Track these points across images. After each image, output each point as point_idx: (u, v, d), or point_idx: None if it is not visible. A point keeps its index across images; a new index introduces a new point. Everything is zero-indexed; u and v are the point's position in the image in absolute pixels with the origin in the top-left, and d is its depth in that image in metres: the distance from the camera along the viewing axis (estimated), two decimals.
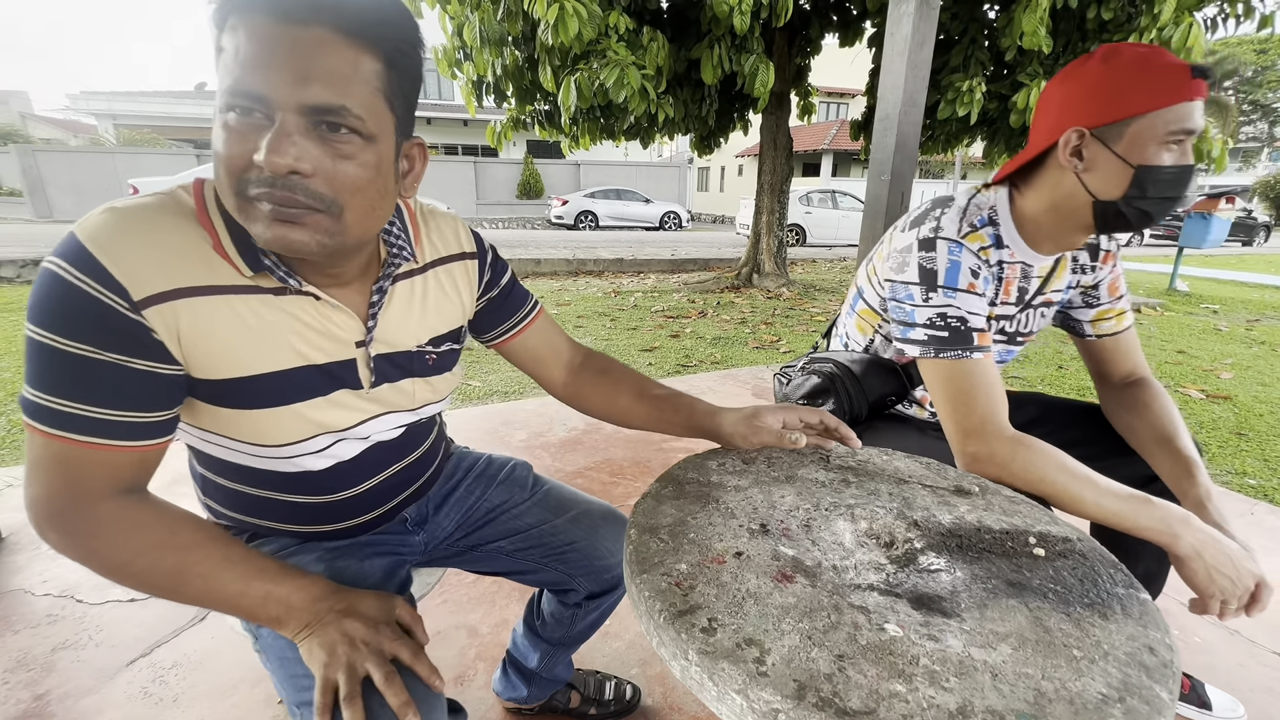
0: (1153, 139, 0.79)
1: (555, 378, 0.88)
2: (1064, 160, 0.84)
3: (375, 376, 0.67)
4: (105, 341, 0.50)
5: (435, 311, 0.73)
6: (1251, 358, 4.24)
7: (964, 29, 4.88)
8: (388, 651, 0.57)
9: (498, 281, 0.80)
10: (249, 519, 0.74)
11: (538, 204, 18.90)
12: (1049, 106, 0.88)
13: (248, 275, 0.57)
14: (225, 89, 0.49)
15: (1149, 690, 0.43)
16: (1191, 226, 7.04)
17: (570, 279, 7.59)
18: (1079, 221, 0.89)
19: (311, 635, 0.58)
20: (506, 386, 3.19)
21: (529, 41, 4.88)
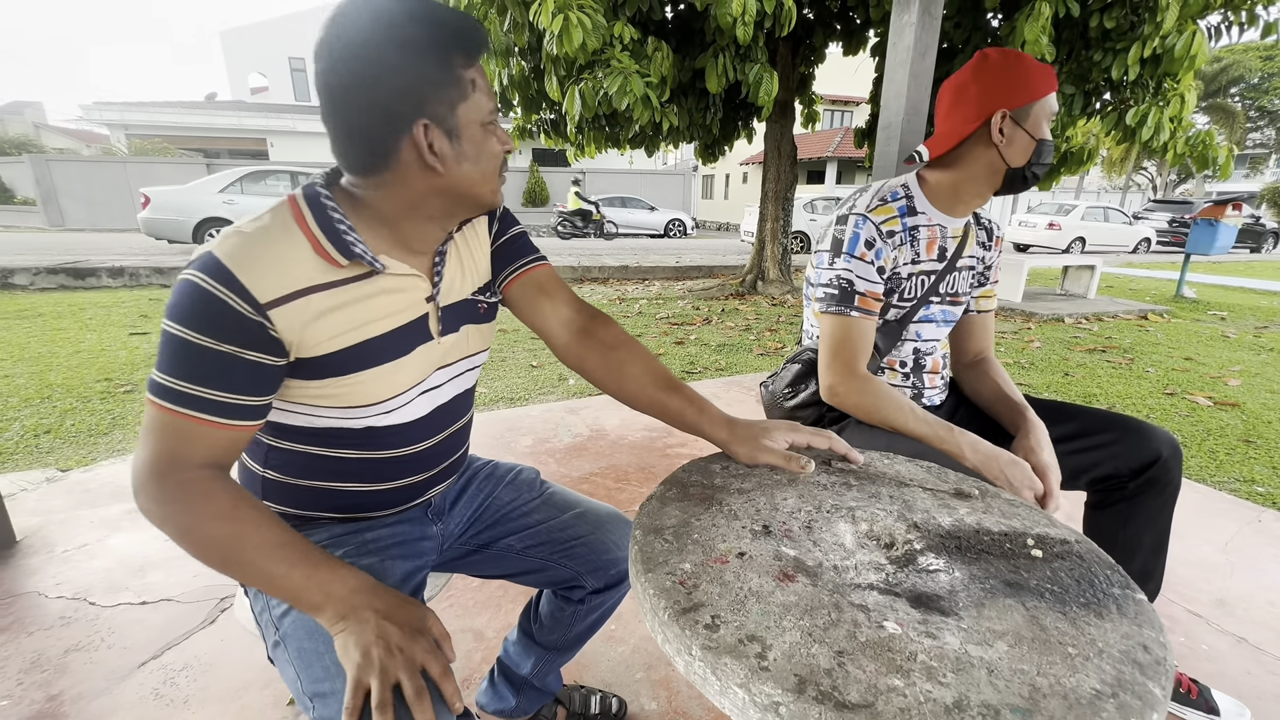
0: (1044, 117, 1.05)
1: (556, 334, 0.89)
2: (995, 137, 1.04)
3: (442, 326, 0.78)
4: (227, 337, 0.61)
5: (474, 264, 0.83)
6: (1260, 365, 4.22)
7: (967, 38, 4.91)
8: (419, 663, 0.59)
9: (506, 230, 0.88)
10: (296, 509, 0.79)
11: (543, 211, 18.99)
12: (964, 100, 1.07)
13: (344, 265, 0.68)
14: (490, 109, 0.68)
15: (1142, 686, 0.44)
16: (1198, 233, 7.01)
17: (576, 286, 7.63)
18: (990, 186, 1.11)
19: (348, 630, 0.60)
20: (512, 393, 3.21)
21: (535, 52, 4.94)
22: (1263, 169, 31.26)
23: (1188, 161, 4.93)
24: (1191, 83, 4.71)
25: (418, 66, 0.62)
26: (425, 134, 0.64)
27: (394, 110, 0.62)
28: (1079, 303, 6.54)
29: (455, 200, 0.70)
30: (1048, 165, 1.08)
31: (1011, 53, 1.05)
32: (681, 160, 25.83)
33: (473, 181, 0.69)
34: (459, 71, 0.64)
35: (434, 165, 0.65)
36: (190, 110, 20.50)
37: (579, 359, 0.89)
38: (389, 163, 0.65)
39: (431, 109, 0.63)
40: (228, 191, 9.06)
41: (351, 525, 0.79)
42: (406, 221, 0.71)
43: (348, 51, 0.61)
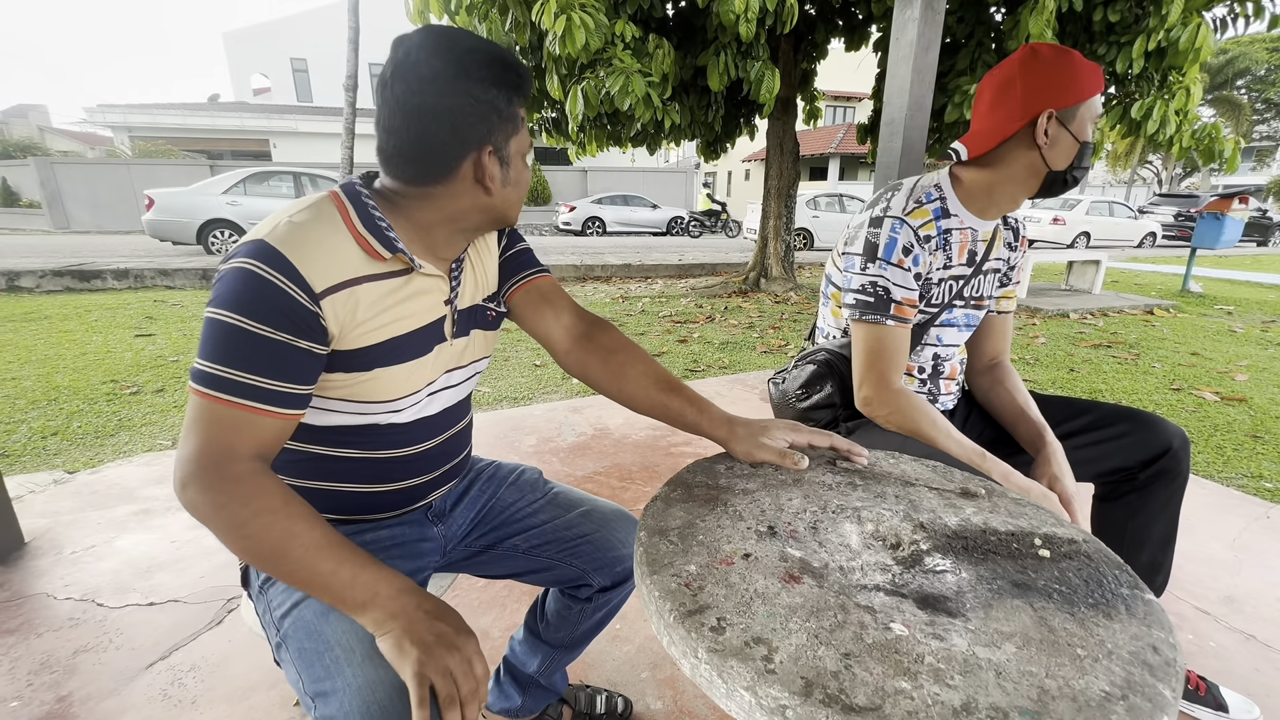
0: (1089, 119, 1.01)
1: (558, 341, 0.91)
2: (1040, 138, 1.00)
3: (456, 329, 0.81)
4: (282, 324, 0.62)
5: (484, 274, 0.87)
6: (1267, 359, 4.19)
7: (970, 32, 4.88)
8: (471, 662, 0.60)
9: (513, 245, 0.92)
10: None
11: (545, 210, 18.99)
12: (1008, 97, 1.02)
13: (386, 259, 0.71)
14: (530, 143, 0.76)
15: (1152, 688, 0.43)
16: (1204, 227, 6.96)
17: (578, 285, 7.63)
18: (1028, 189, 1.07)
19: (400, 630, 0.59)
20: (516, 392, 3.21)
21: (536, 51, 4.93)
22: (1269, 162, 31.00)
23: (1193, 155, 4.90)
24: (1197, 75, 4.67)
25: (492, 99, 0.69)
26: (487, 158, 0.70)
27: (469, 134, 0.69)
28: (1084, 298, 6.51)
29: (491, 218, 0.77)
30: (1088, 169, 1.04)
31: (1061, 49, 1.00)
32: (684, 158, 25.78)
33: (510, 204, 0.76)
34: (515, 108, 0.72)
35: (489, 186, 0.72)
36: (193, 112, 20.57)
37: (580, 364, 0.90)
38: (447, 178, 0.71)
39: (495, 137, 0.70)
40: (231, 193, 9.09)
41: (349, 528, 0.80)
42: (442, 230, 0.76)
43: (432, 75, 0.66)
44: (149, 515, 1.86)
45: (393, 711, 0.58)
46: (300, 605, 0.68)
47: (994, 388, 1.23)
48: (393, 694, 0.59)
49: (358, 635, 0.63)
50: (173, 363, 3.62)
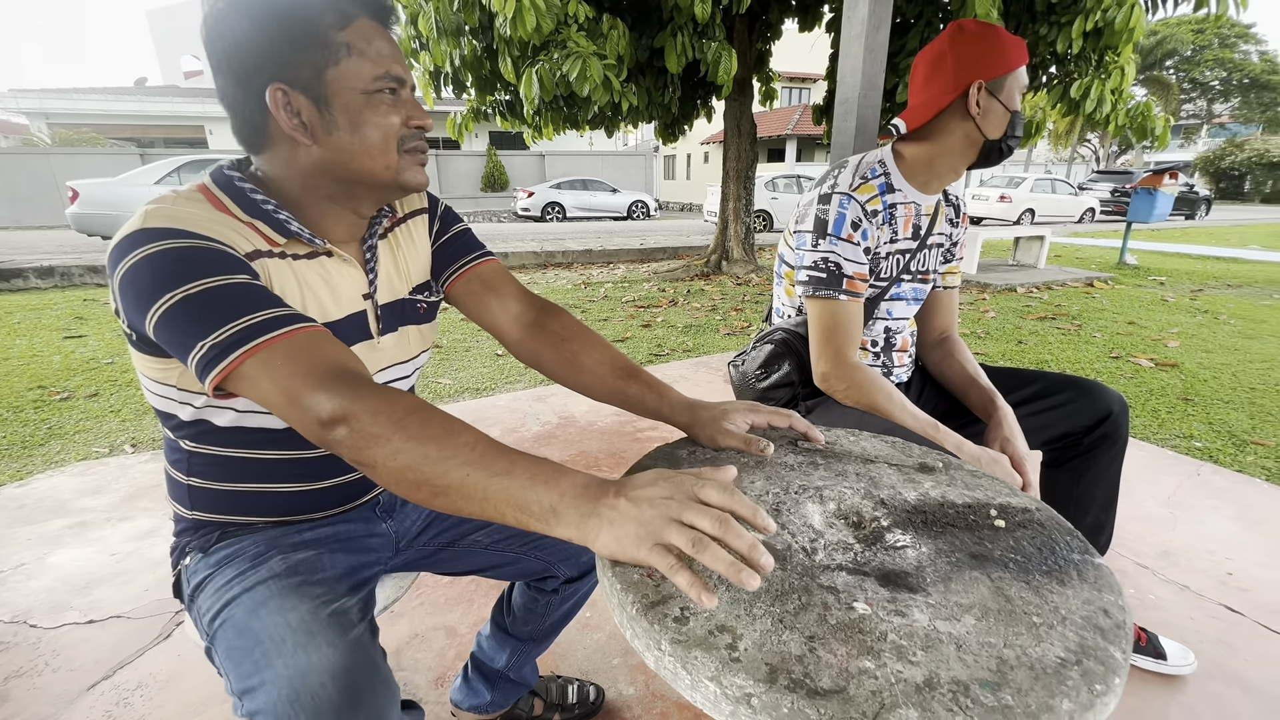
0: (1017, 89, 1.05)
1: (507, 330, 0.86)
2: (972, 108, 1.03)
3: (382, 325, 0.75)
4: (233, 268, 0.57)
5: (411, 262, 0.81)
6: (1196, 326, 4.45)
7: (919, 12, 4.95)
8: (704, 497, 0.50)
9: (448, 229, 0.86)
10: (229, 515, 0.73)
11: (503, 196, 18.61)
12: (940, 71, 1.05)
13: (281, 244, 0.65)
14: (376, 75, 0.62)
15: (1104, 651, 0.44)
16: (1138, 202, 7.31)
17: (539, 272, 7.51)
18: (966, 159, 1.10)
19: (600, 524, 0.49)
20: (478, 383, 3.15)
21: (486, 32, 4.77)
22: (1196, 139, 32.75)
23: (1128, 132, 5.11)
24: (1131, 56, 4.86)
25: (273, 27, 0.58)
26: (284, 100, 0.60)
27: (246, 73, 0.59)
28: (1030, 272, 6.77)
29: (343, 178, 0.65)
30: (1020, 137, 1.08)
31: (986, 24, 1.04)
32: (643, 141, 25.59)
33: (354, 154, 0.63)
34: (329, 34, 0.60)
35: (297, 135, 0.61)
36: (118, 97, 19.24)
37: (533, 354, 0.86)
38: (264, 135, 0.63)
39: (289, 73, 0.59)
40: (165, 183, 8.56)
41: (288, 528, 0.75)
42: (310, 205, 0.67)
43: (216, 16, 0.58)
44: (85, 528, 1.75)
45: (323, 698, 0.54)
46: (231, 604, 0.64)
47: (945, 360, 1.26)
48: (325, 679, 0.55)
49: (289, 625, 0.59)
50: (107, 365, 3.41)
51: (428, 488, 0.51)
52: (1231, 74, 27.28)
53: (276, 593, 0.64)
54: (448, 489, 0.50)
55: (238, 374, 0.54)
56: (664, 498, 0.49)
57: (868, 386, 1.06)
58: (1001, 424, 1.08)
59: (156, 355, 0.64)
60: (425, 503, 0.52)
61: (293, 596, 0.63)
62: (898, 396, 1.05)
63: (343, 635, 0.59)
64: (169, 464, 0.75)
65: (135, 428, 2.53)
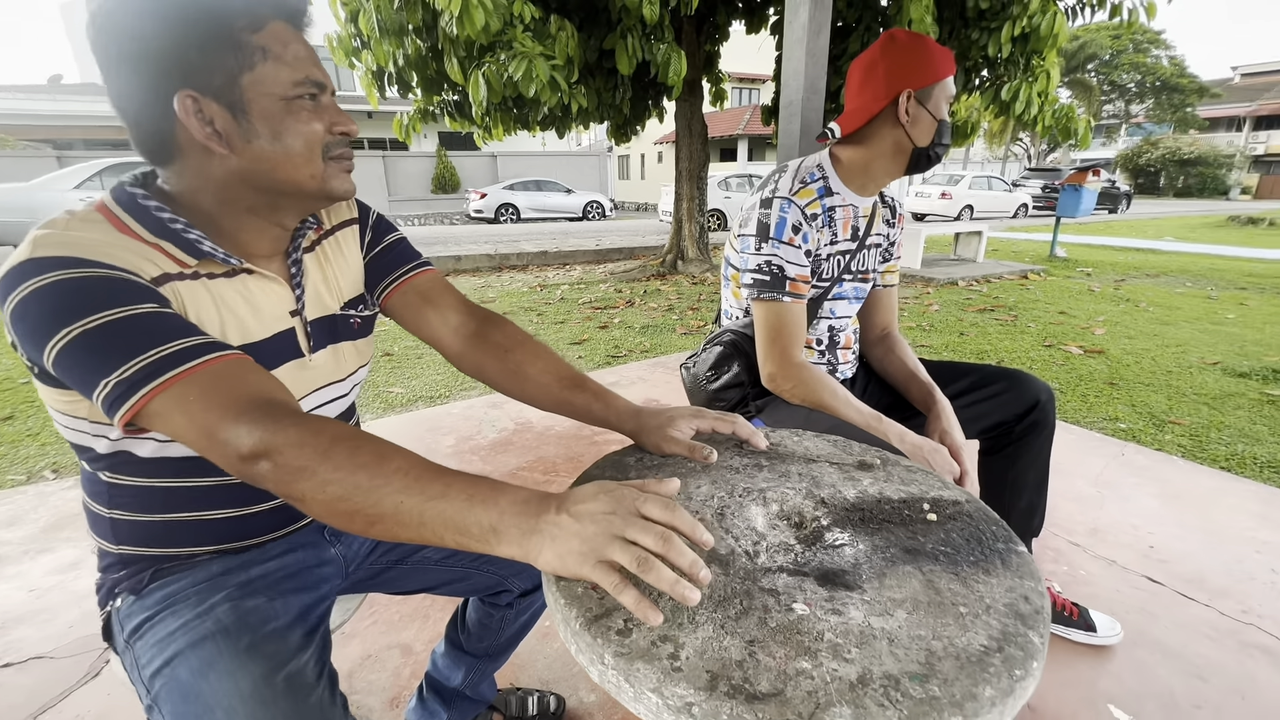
0: (944, 99, 1.08)
1: (448, 343, 0.84)
2: (901, 117, 1.07)
3: (313, 343, 0.72)
4: (137, 297, 0.54)
5: (341, 275, 0.78)
6: (1119, 314, 4.75)
7: (859, 16, 5.11)
8: (645, 512, 0.50)
9: (381, 239, 0.83)
10: (163, 549, 0.69)
11: (454, 198, 18.24)
12: (873, 78, 1.09)
13: (193, 264, 0.61)
14: (296, 80, 0.60)
15: (1023, 637, 0.47)
16: (1066, 198, 7.75)
17: (493, 275, 7.40)
18: (899, 165, 1.14)
19: (542, 541, 0.49)
20: (431, 391, 3.07)
21: (431, 31, 4.66)
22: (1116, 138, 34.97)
23: (1054, 132, 5.41)
24: (1055, 60, 5.14)
25: (177, 28, 0.55)
26: (195, 107, 0.57)
27: (147, 78, 0.56)
28: (970, 266, 7.08)
29: (265, 188, 0.62)
30: (948, 146, 1.13)
31: (916, 34, 1.08)
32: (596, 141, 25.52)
33: (276, 164, 0.61)
34: (241, 36, 0.57)
35: (211, 145, 0.58)
36: (30, 95, 17.92)
37: (475, 366, 0.84)
38: (173, 146, 0.59)
39: (200, 79, 0.56)
40: (85, 187, 8.01)
41: (231, 561, 0.71)
42: (227, 218, 0.64)
43: (107, 13, 0.54)
44: (1, 563, 1.63)
45: None
46: (175, 661, 0.60)
47: (887, 356, 1.30)
48: None
49: (241, 694, 0.56)
50: (23, 385, 3.17)
51: (361, 518, 0.50)
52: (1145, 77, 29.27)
53: (226, 652, 0.59)
54: (382, 517, 0.49)
55: (146, 412, 0.51)
56: (606, 513, 0.49)
57: (814, 385, 1.09)
58: (940, 416, 1.13)
59: (62, 388, 0.59)
60: (361, 532, 0.50)
61: (244, 657, 0.59)
62: (842, 393, 1.09)
63: (301, 701, 0.57)
64: (87, 497, 0.70)
65: (56, 452, 2.36)
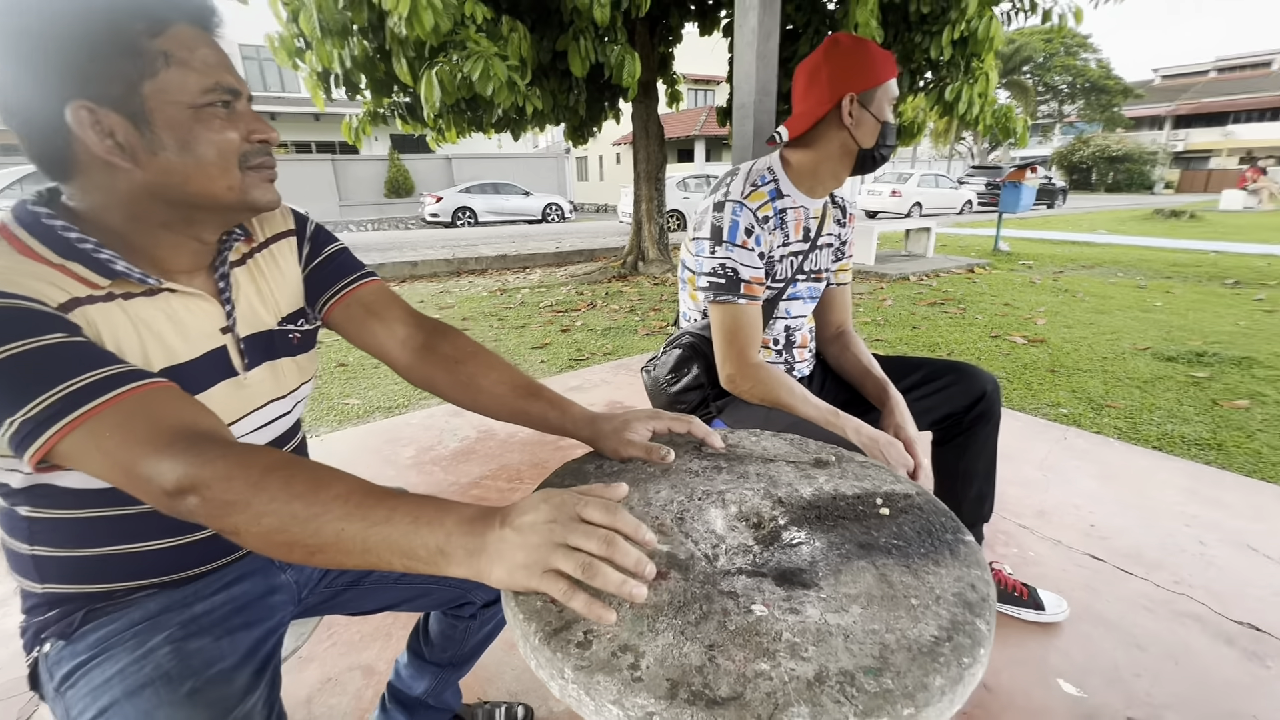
0: (887, 101, 1.10)
1: (395, 355, 0.82)
2: (845, 120, 1.09)
3: (248, 360, 0.69)
4: (45, 327, 0.51)
5: (278, 289, 0.75)
6: (1059, 304, 4.99)
7: (807, 20, 5.23)
8: (587, 516, 0.50)
9: (320, 251, 0.80)
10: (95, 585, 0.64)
11: (409, 202, 17.84)
12: (817, 82, 1.11)
13: (105, 285, 0.57)
14: (205, 87, 0.56)
15: (971, 625, 0.48)
16: (1007, 194, 8.12)
17: (452, 280, 7.26)
18: (845, 166, 1.16)
19: (490, 558, 0.48)
20: (389, 401, 2.99)
21: (378, 31, 4.54)
22: (1051, 136, 36.83)
23: (995, 131, 5.66)
24: (993, 62, 5.37)
25: (66, 34, 0.51)
26: (92, 119, 0.53)
27: (35, 88, 0.52)
28: (920, 261, 7.33)
29: (178, 202, 0.59)
30: (893, 147, 1.16)
31: (859, 39, 1.10)
32: (554, 143, 25.33)
33: (187, 176, 0.57)
34: (140, 41, 0.53)
35: (113, 159, 0.54)
36: None
37: (425, 378, 0.82)
38: (70, 160, 0.55)
39: (96, 88, 0.53)
40: (5, 195, 7.52)
41: (173, 596, 0.67)
42: (140, 235, 0.61)
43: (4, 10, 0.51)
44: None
45: None
46: (108, 713, 0.56)
47: (843, 353, 1.34)
48: None
49: None
50: None
51: (300, 548, 0.48)
52: (1075, 79, 31.01)
53: (166, 700, 0.56)
54: (323, 547, 0.48)
55: (58, 451, 0.48)
56: (547, 522, 0.49)
57: (771, 384, 1.11)
58: (894, 411, 1.16)
59: None
60: (302, 562, 0.49)
61: (185, 706, 0.56)
62: (800, 390, 1.11)
63: None
64: (5, 533, 0.65)
65: None
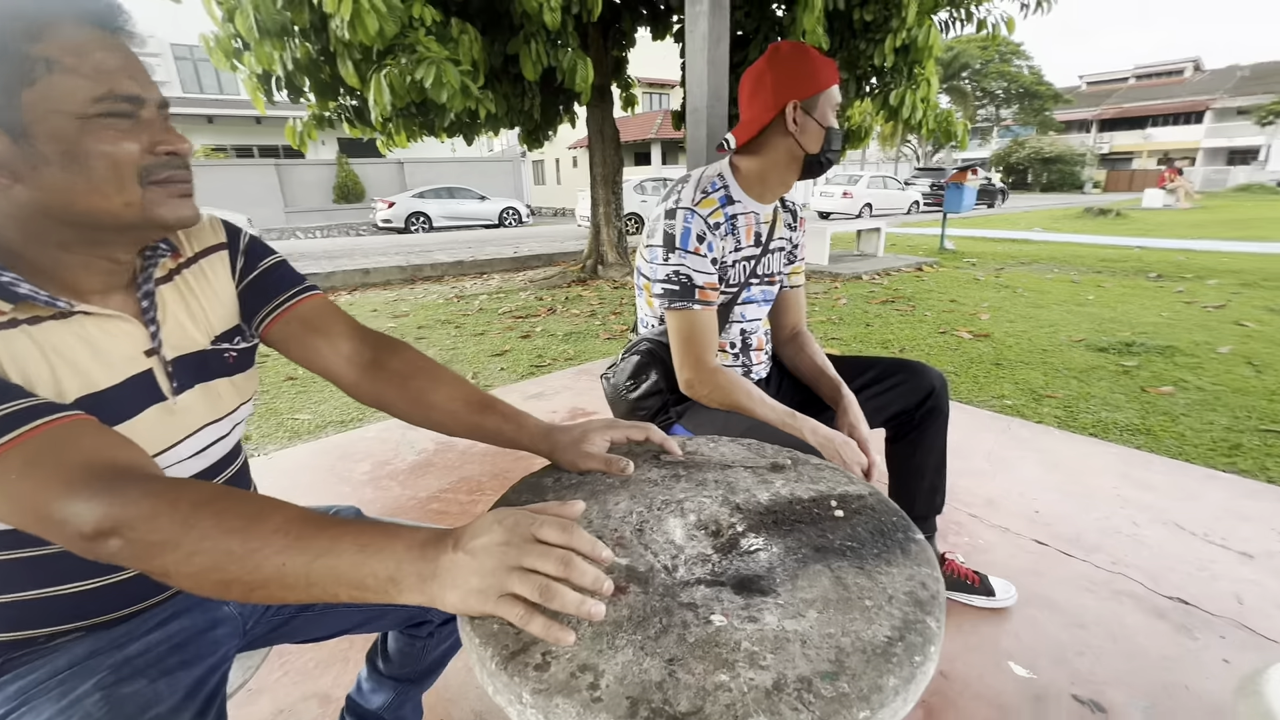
0: (830, 107, 1.13)
1: (341, 373, 0.78)
2: (790, 126, 1.11)
3: (176, 383, 0.66)
4: None
5: (210, 307, 0.71)
6: (1000, 300, 5.23)
7: (756, 27, 5.33)
8: (542, 536, 0.50)
9: (255, 264, 0.76)
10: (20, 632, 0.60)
11: (360, 208, 17.34)
12: (761, 90, 1.12)
13: (7, 310, 0.54)
14: (97, 95, 0.52)
15: (921, 623, 0.50)
16: (951, 195, 8.48)
17: (406, 287, 7.08)
18: (793, 172, 1.19)
19: (443, 584, 0.47)
20: (342, 415, 2.89)
21: (320, 33, 4.40)
22: (990, 139, 38.67)
23: (937, 135, 5.89)
24: (934, 69, 5.60)
25: None
26: None
27: None
28: (872, 261, 7.56)
29: (71, 221, 0.55)
30: (839, 151, 1.19)
31: (800, 46, 1.12)
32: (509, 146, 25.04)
33: (75, 194, 0.53)
34: (18, 46, 0.49)
35: None
36: None
37: (374, 395, 0.79)
38: None
39: None
40: None
41: (102, 639, 0.63)
42: (39, 256, 0.56)
43: None
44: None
45: None
46: None
47: (798, 355, 1.36)
48: None
49: None
50: None
51: (239, 586, 0.45)
52: (1010, 84, 32.75)
53: None
54: (264, 583, 0.45)
55: None
56: (501, 545, 0.48)
57: (729, 388, 1.12)
58: (848, 410, 1.19)
59: None
60: (241, 599, 0.46)
61: None
62: (757, 393, 1.12)
63: None
64: None
65: None
